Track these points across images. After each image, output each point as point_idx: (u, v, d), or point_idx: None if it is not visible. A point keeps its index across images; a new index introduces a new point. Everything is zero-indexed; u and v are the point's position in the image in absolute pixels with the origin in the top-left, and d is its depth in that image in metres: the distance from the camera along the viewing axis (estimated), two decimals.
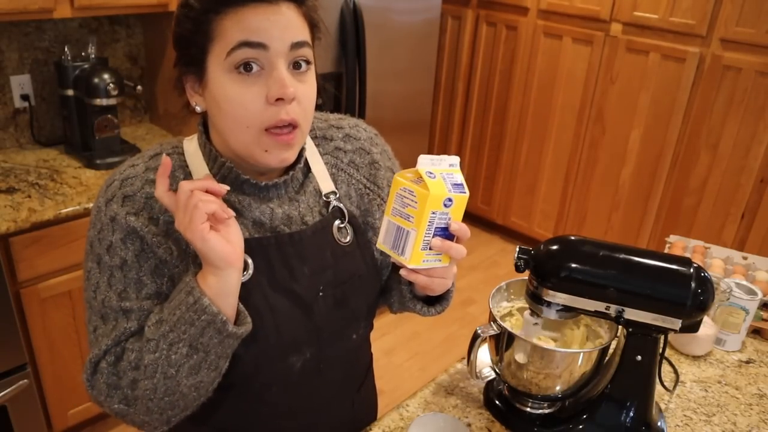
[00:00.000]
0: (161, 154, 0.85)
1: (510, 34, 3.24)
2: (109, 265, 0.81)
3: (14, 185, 1.87)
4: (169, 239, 0.81)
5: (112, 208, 0.81)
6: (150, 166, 0.84)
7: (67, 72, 2.00)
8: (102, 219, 0.81)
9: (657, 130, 2.81)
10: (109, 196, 0.82)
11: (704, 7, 2.52)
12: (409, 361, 2.69)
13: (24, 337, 1.79)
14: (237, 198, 0.85)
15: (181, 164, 0.85)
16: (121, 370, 0.79)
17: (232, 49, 0.75)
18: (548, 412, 1.07)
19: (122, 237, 0.80)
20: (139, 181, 0.82)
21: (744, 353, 1.32)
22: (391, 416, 1.07)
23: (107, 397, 0.80)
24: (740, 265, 1.54)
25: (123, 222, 0.80)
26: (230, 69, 0.75)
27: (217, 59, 0.76)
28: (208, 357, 0.76)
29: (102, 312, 0.81)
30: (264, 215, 0.86)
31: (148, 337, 0.77)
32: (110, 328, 0.80)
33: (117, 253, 0.80)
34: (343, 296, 0.90)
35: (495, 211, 3.62)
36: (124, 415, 0.80)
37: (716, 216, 2.70)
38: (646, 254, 0.96)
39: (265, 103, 0.76)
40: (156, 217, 0.81)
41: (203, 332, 0.74)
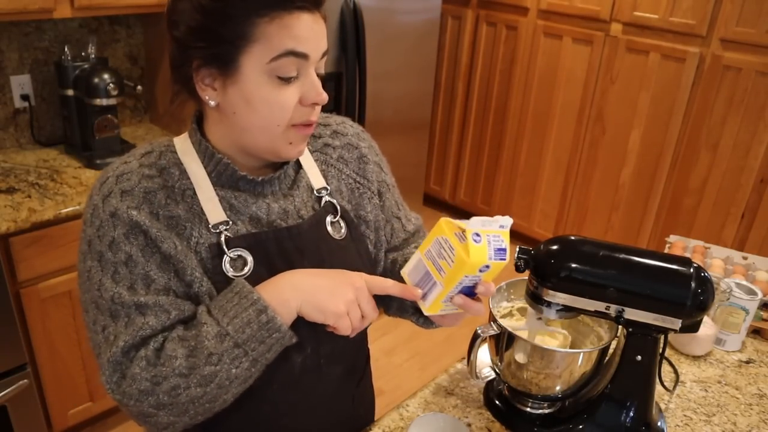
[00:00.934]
0: (153, 152, 0.85)
1: (510, 34, 3.24)
2: (113, 261, 0.78)
3: (14, 185, 1.87)
4: (172, 233, 0.80)
5: (111, 203, 0.79)
6: (144, 163, 0.83)
7: (67, 72, 2.00)
8: (101, 216, 0.79)
9: (657, 130, 2.81)
10: (106, 192, 0.80)
11: (704, 7, 2.52)
12: (409, 361, 2.69)
13: (24, 337, 1.79)
14: (233, 194, 0.85)
15: (175, 161, 0.84)
16: (162, 376, 0.75)
17: (279, 56, 0.75)
18: (548, 412, 1.07)
19: (125, 232, 0.78)
20: (136, 176, 0.81)
21: (744, 353, 1.32)
22: (391, 416, 1.07)
23: (137, 402, 0.76)
24: (740, 265, 1.54)
25: (125, 216, 0.78)
26: (271, 73, 0.76)
27: (257, 62, 0.76)
28: (263, 367, 0.79)
29: (111, 309, 0.78)
30: (260, 210, 0.86)
31: (211, 350, 0.75)
32: (123, 325, 0.77)
33: (121, 248, 0.78)
34: None
35: (495, 211, 3.62)
36: (148, 416, 0.78)
37: (716, 216, 2.70)
38: (646, 254, 0.96)
39: (298, 105, 0.79)
40: (156, 212, 0.80)
41: (271, 348, 0.77)
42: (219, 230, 0.82)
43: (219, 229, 0.82)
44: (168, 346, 0.77)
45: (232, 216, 0.84)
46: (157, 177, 0.82)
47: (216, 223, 0.82)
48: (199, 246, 0.82)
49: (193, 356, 0.75)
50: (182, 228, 0.81)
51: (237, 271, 0.82)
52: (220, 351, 0.75)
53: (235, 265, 0.82)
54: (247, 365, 0.76)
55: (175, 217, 0.81)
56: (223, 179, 0.84)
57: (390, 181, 1.06)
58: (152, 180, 0.81)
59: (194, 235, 0.81)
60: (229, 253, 0.82)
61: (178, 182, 0.83)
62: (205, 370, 0.75)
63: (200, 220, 0.82)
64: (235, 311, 0.76)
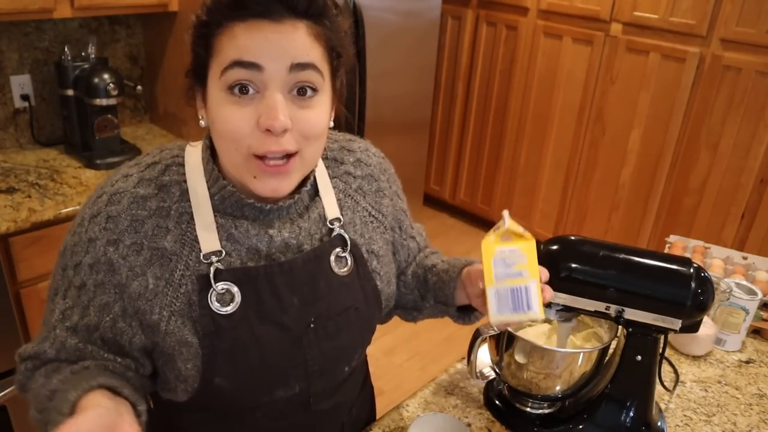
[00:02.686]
0: (159, 164, 0.81)
1: (510, 34, 3.24)
2: (70, 279, 0.79)
3: (14, 185, 1.87)
4: (153, 266, 0.76)
5: (93, 229, 0.77)
6: (144, 177, 0.79)
7: (67, 72, 2.00)
8: (81, 234, 0.78)
9: (657, 130, 2.81)
10: (95, 212, 0.78)
11: (704, 7, 2.52)
12: (409, 361, 2.69)
13: (24, 337, 1.79)
14: (234, 223, 0.79)
15: (179, 179, 0.79)
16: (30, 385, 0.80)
17: (226, 68, 0.70)
18: (548, 412, 1.07)
19: (91, 263, 0.77)
20: (127, 198, 0.77)
21: (744, 353, 1.32)
22: (391, 416, 1.07)
23: (19, 389, 0.82)
24: (740, 265, 1.54)
25: (100, 251, 0.76)
26: (224, 88, 0.71)
27: (214, 77, 0.72)
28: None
29: (47, 317, 0.81)
30: (261, 242, 0.80)
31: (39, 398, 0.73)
32: (41, 338, 0.81)
33: (80, 274, 0.78)
34: (336, 329, 0.85)
35: (495, 211, 3.62)
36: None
37: (716, 216, 2.70)
38: (646, 254, 0.96)
39: (255, 128, 0.71)
40: (140, 242, 0.76)
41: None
42: (210, 260, 0.77)
43: (210, 259, 0.77)
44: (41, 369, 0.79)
45: (228, 246, 0.79)
46: (153, 197, 0.78)
47: (208, 253, 0.77)
48: (185, 278, 0.77)
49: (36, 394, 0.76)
50: (167, 260, 0.77)
51: (223, 306, 0.77)
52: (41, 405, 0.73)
53: (223, 299, 0.77)
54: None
55: (160, 249, 0.76)
56: (226, 205, 0.79)
57: (406, 206, 1.02)
58: (145, 204, 0.77)
59: (179, 268, 0.77)
60: (216, 287, 0.76)
61: (176, 204, 0.78)
62: (31, 411, 0.75)
63: (191, 249, 0.77)
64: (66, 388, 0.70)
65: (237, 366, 0.78)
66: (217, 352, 0.77)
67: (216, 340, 0.77)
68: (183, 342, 0.77)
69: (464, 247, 3.62)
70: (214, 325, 0.77)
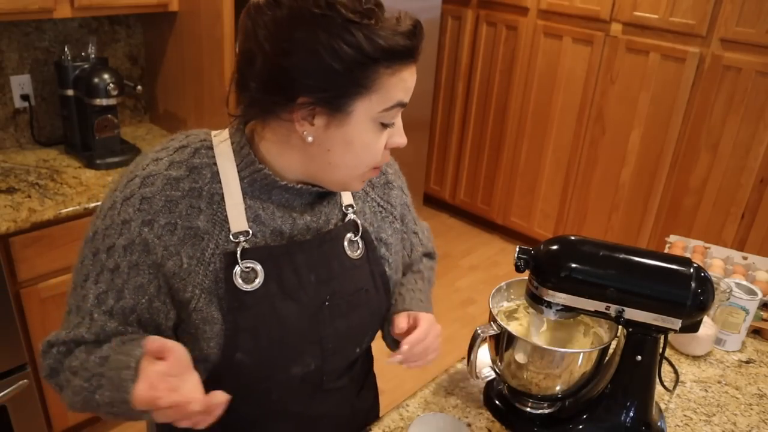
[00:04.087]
0: (188, 147, 0.83)
1: (510, 34, 3.24)
2: (103, 263, 0.80)
3: (14, 185, 1.87)
4: (186, 246, 0.80)
5: (127, 210, 0.79)
6: (175, 160, 0.81)
7: (67, 72, 2.00)
8: (114, 217, 0.79)
9: (657, 130, 2.80)
10: (128, 194, 0.79)
11: (704, 7, 2.52)
12: None
13: (24, 337, 1.79)
14: (261, 206, 0.84)
15: (209, 162, 0.82)
16: (65, 366, 0.81)
17: (391, 107, 0.77)
18: (548, 412, 1.07)
19: (126, 244, 0.79)
20: (160, 180, 0.79)
21: (744, 353, 1.32)
22: (391, 416, 1.07)
23: (48, 375, 0.83)
24: (740, 265, 1.54)
25: (135, 231, 0.78)
26: (376, 120, 0.77)
27: (370, 110, 0.76)
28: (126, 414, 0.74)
29: (78, 303, 0.81)
30: (285, 224, 0.85)
31: (88, 366, 0.77)
32: (75, 324, 0.81)
33: (114, 256, 0.79)
34: (348, 308, 0.90)
35: (495, 211, 3.62)
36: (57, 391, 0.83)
37: (716, 216, 2.70)
38: (646, 254, 0.96)
39: (384, 147, 0.81)
40: (174, 222, 0.79)
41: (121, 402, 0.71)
42: (238, 240, 0.81)
43: (238, 238, 0.81)
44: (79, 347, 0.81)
45: (254, 227, 0.83)
46: (186, 178, 0.80)
47: (236, 232, 0.81)
48: (214, 257, 0.81)
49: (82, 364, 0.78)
50: (199, 240, 0.80)
51: (247, 284, 0.81)
52: (93, 371, 0.76)
53: (247, 277, 0.81)
54: (107, 399, 0.73)
55: (193, 228, 0.80)
56: (255, 188, 0.83)
57: (410, 201, 1.07)
58: (178, 185, 0.80)
59: (210, 247, 0.81)
60: (242, 264, 0.81)
61: (207, 185, 0.81)
62: (76, 381, 0.78)
63: (221, 228, 0.81)
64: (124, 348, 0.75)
65: (258, 341, 0.82)
66: (239, 328, 0.81)
67: (239, 316, 0.81)
68: (208, 319, 0.80)
69: (464, 247, 3.62)
70: (238, 301, 0.81)
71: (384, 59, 0.72)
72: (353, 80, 0.73)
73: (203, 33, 2.06)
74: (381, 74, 0.73)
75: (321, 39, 0.70)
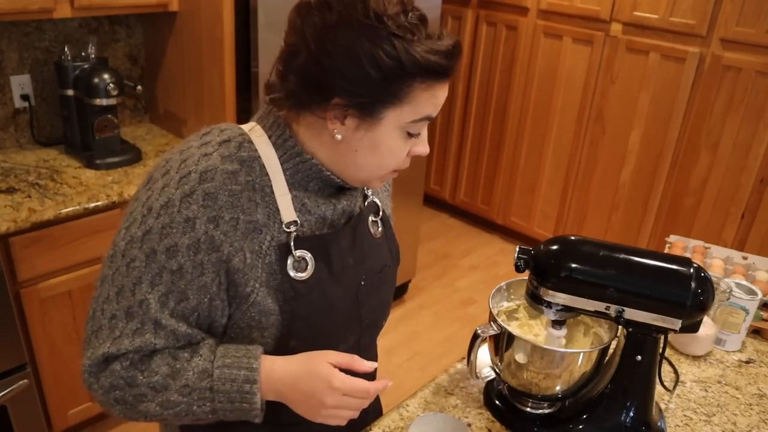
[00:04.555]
0: (231, 141, 0.82)
1: (510, 34, 3.24)
2: (162, 264, 0.77)
3: (14, 185, 1.87)
4: (247, 241, 0.80)
5: (191, 208, 0.77)
6: (224, 154, 0.80)
7: (67, 72, 2.00)
8: (174, 215, 0.77)
9: (657, 130, 2.81)
10: (188, 191, 0.77)
11: (704, 7, 2.52)
12: (409, 361, 2.69)
13: (24, 337, 1.79)
14: (305, 195, 0.85)
15: (254, 155, 0.82)
16: (135, 381, 0.79)
17: (420, 119, 0.80)
18: (548, 412, 1.07)
19: (190, 243, 0.77)
20: (220, 175, 0.78)
21: (744, 353, 1.32)
22: (391, 416, 1.07)
23: (105, 393, 0.80)
24: (740, 265, 1.54)
25: (201, 230, 0.77)
26: (403, 129, 0.80)
27: (399, 119, 0.79)
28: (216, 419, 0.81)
29: (132, 309, 0.78)
30: (327, 211, 0.88)
31: (187, 381, 0.78)
32: (133, 330, 0.78)
33: (177, 257, 0.77)
34: (379, 284, 0.96)
35: (495, 211, 3.62)
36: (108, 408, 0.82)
37: (716, 216, 2.70)
38: (646, 254, 0.96)
39: (406, 154, 0.84)
40: (237, 218, 0.79)
41: (234, 411, 0.80)
42: (290, 230, 0.83)
43: (290, 228, 0.83)
44: (156, 359, 0.80)
45: (301, 216, 0.85)
46: (240, 172, 0.80)
47: (287, 222, 0.83)
48: (270, 249, 0.82)
49: (171, 378, 0.79)
50: (258, 233, 0.81)
51: (299, 272, 0.84)
52: (194, 386, 0.78)
53: (299, 266, 0.84)
54: (208, 410, 0.79)
55: (254, 221, 0.80)
56: (297, 178, 0.84)
57: None
58: (236, 178, 0.79)
59: (267, 239, 0.82)
60: (295, 254, 0.83)
61: (258, 178, 0.82)
62: (173, 397, 0.79)
63: (274, 220, 0.82)
64: (232, 362, 0.79)
65: (311, 327, 0.86)
66: (295, 317, 0.84)
67: (294, 305, 0.84)
68: (265, 311, 0.82)
69: (464, 247, 3.62)
70: (293, 290, 0.83)
71: (419, 74, 0.75)
72: (388, 90, 0.76)
73: (203, 33, 2.06)
74: (415, 88, 0.76)
75: (364, 47, 0.73)
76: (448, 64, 0.77)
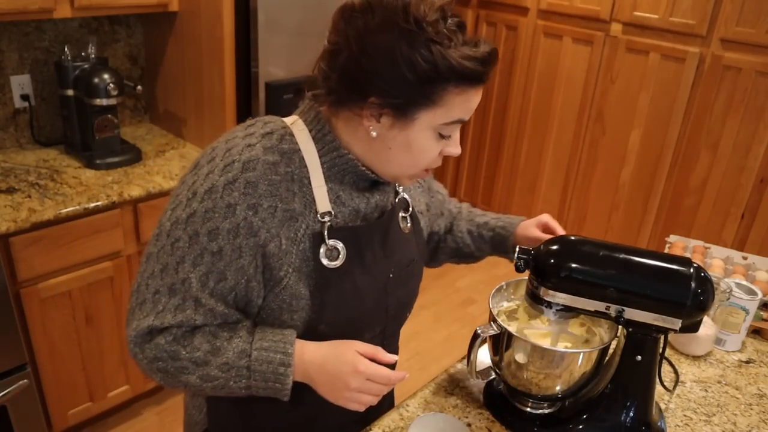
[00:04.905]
0: (273, 134, 0.87)
1: (510, 34, 3.24)
2: (204, 246, 0.82)
3: (14, 185, 1.87)
4: (283, 228, 0.85)
5: (233, 195, 0.82)
6: (266, 146, 0.85)
7: (67, 72, 2.00)
8: (217, 200, 0.82)
9: (657, 130, 2.80)
10: (231, 179, 0.82)
11: (704, 7, 2.52)
12: (409, 361, 2.69)
13: (24, 337, 1.79)
14: (340, 188, 0.90)
15: (295, 148, 0.87)
16: (178, 355, 0.86)
17: (452, 122, 0.84)
18: (548, 412, 1.07)
19: (230, 228, 0.82)
20: (261, 165, 0.83)
21: (744, 353, 1.32)
22: (391, 416, 1.07)
23: (149, 362, 0.87)
24: (740, 265, 1.54)
25: (240, 215, 0.82)
26: (436, 131, 0.84)
27: (432, 121, 0.82)
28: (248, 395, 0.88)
29: (175, 286, 0.84)
30: (361, 204, 0.92)
31: (227, 359, 0.85)
32: (175, 305, 0.84)
33: (217, 240, 0.82)
34: (407, 277, 1.01)
35: (495, 210, 3.60)
36: (150, 375, 0.89)
37: (716, 216, 2.70)
38: (646, 254, 0.96)
39: (438, 154, 0.88)
40: (275, 206, 0.84)
41: (267, 390, 0.86)
42: (324, 220, 0.87)
43: (324, 218, 0.87)
44: (198, 336, 0.86)
45: (335, 208, 0.89)
46: (280, 163, 0.85)
47: (322, 213, 0.87)
48: (305, 237, 0.87)
49: (212, 355, 0.85)
50: (294, 221, 0.86)
51: (331, 261, 0.88)
52: (233, 364, 0.85)
53: (331, 255, 0.88)
54: (242, 386, 0.86)
55: (291, 210, 0.85)
56: (333, 172, 0.89)
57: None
58: (276, 169, 0.84)
59: (302, 227, 0.86)
60: (328, 243, 0.87)
61: (297, 170, 0.86)
62: (212, 372, 0.85)
63: (310, 209, 0.87)
64: (269, 345, 0.86)
65: (340, 314, 0.90)
66: (325, 303, 0.88)
67: (324, 291, 0.88)
68: (297, 295, 0.87)
69: None
70: (324, 278, 0.88)
71: (453, 79, 0.79)
72: (422, 93, 0.80)
73: (203, 33, 2.06)
74: (449, 92, 0.80)
75: (402, 50, 0.77)
76: (483, 71, 0.80)
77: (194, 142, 2.30)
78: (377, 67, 0.79)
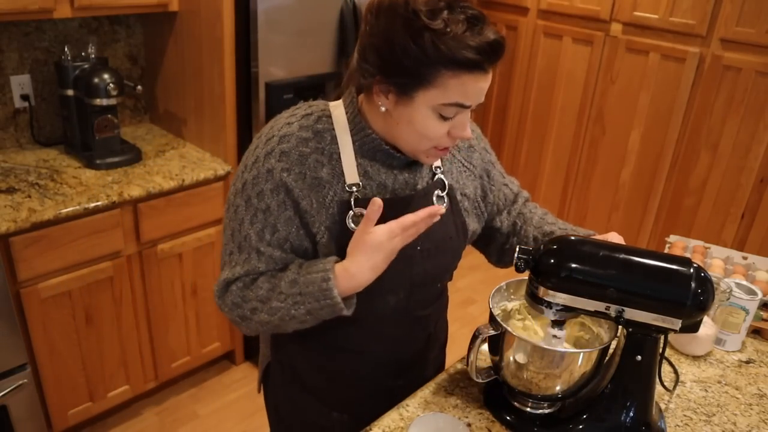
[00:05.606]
0: (312, 115, 1.01)
1: (510, 34, 3.24)
2: (256, 206, 0.98)
3: (14, 185, 1.87)
4: (313, 192, 0.98)
5: (270, 161, 0.97)
6: (303, 125, 1.00)
7: (67, 72, 2.00)
8: (259, 168, 0.98)
9: (657, 130, 2.81)
10: (269, 150, 0.98)
11: (704, 7, 2.52)
12: None
13: (24, 337, 1.79)
14: (369, 163, 1.01)
15: (329, 128, 1.00)
16: (248, 297, 0.99)
17: (449, 104, 0.90)
18: (548, 412, 1.07)
19: (272, 188, 0.97)
20: (294, 139, 0.98)
21: (744, 353, 1.32)
22: (391, 416, 1.07)
23: (230, 310, 1.02)
24: (740, 265, 1.54)
25: (277, 176, 0.97)
26: (436, 111, 0.91)
27: (430, 101, 0.90)
28: (317, 320, 0.97)
29: (241, 243, 1.00)
30: (388, 179, 1.02)
31: (282, 290, 0.96)
32: (243, 259, 1.00)
33: (264, 199, 0.97)
34: (435, 252, 1.07)
35: None
36: (237, 324, 1.03)
37: (716, 216, 2.70)
38: (646, 254, 0.96)
39: (445, 135, 0.95)
40: (304, 173, 0.97)
41: (322, 308, 0.94)
42: (351, 190, 0.99)
43: (352, 189, 0.99)
44: (260, 279, 1.00)
45: (364, 181, 1.00)
46: (312, 140, 0.99)
47: (350, 184, 0.99)
48: (333, 202, 0.99)
49: (272, 290, 0.97)
50: (322, 187, 0.98)
51: (357, 226, 0.95)
52: (287, 293, 0.95)
53: (357, 221, 0.98)
54: (303, 311, 0.95)
55: (318, 178, 0.98)
56: (365, 149, 1.00)
57: (494, 159, 1.27)
58: (307, 143, 0.98)
59: (330, 194, 0.98)
60: (354, 210, 0.98)
61: (328, 146, 0.99)
62: (274, 304, 0.97)
63: (338, 180, 0.99)
64: (311, 269, 0.95)
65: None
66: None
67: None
68: (327, 254, 0.99)
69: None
70: (349, 240, 0.95)
71: (443, 64, 0.86)
72: (417, 74, 0.88)
73: (203, 33, 2.06)
74: (442, 74, 0.87)
75: (399, 34, 0.87)
76: (476, 58, 0.86)
77: (194, 142, 2.30)
78: (379, 49, 0.90)
